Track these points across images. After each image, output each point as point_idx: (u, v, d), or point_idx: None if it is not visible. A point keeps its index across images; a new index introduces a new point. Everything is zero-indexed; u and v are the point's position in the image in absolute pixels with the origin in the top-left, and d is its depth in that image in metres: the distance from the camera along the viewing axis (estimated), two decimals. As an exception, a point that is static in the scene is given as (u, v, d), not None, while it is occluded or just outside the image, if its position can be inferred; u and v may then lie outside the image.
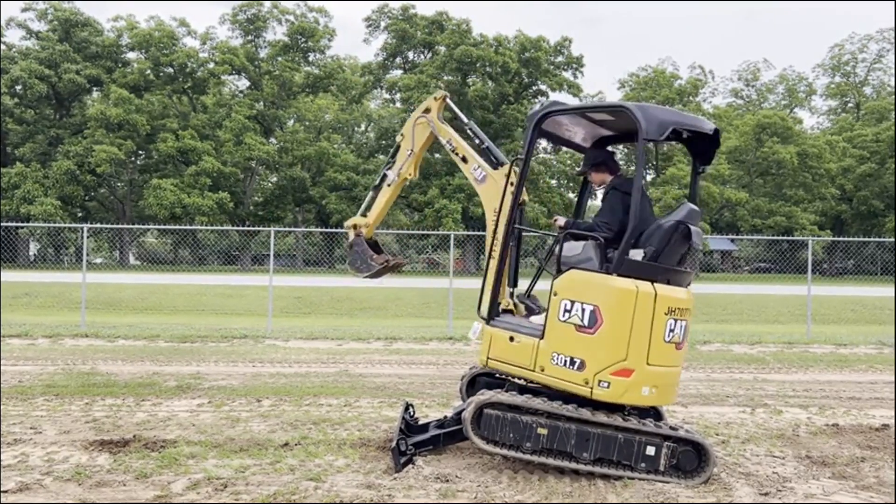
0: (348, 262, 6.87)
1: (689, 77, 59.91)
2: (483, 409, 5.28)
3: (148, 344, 12.28)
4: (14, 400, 7.59)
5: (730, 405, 8.08)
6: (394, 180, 6.61)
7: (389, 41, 56.82)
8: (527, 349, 5.40)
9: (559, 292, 5.30)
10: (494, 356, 5.61)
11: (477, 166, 6.18)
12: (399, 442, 5.48)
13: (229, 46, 53.96)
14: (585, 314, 5.17)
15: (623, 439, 5.15)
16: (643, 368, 5.12)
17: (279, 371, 9.88)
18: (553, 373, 5.27)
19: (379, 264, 6.65)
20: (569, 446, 5.15)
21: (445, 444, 5.78)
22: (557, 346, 5.26)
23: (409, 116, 6.67)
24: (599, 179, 6.03)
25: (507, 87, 53.65)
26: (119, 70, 52.56)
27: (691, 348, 12.88)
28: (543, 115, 5.65)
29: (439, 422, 5.95)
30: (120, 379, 8.95)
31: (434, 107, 6.52)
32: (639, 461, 5.15)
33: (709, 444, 5.27)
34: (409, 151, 6.56)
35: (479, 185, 6.14)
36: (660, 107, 5.53)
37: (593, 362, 5.12)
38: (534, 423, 5.19)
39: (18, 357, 10.60)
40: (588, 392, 5.14)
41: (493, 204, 5.97)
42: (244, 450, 5.80)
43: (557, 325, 5.27)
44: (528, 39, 54.03)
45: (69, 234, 45.42)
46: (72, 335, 13.06)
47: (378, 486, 4.91)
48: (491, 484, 5.02)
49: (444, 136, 6.41)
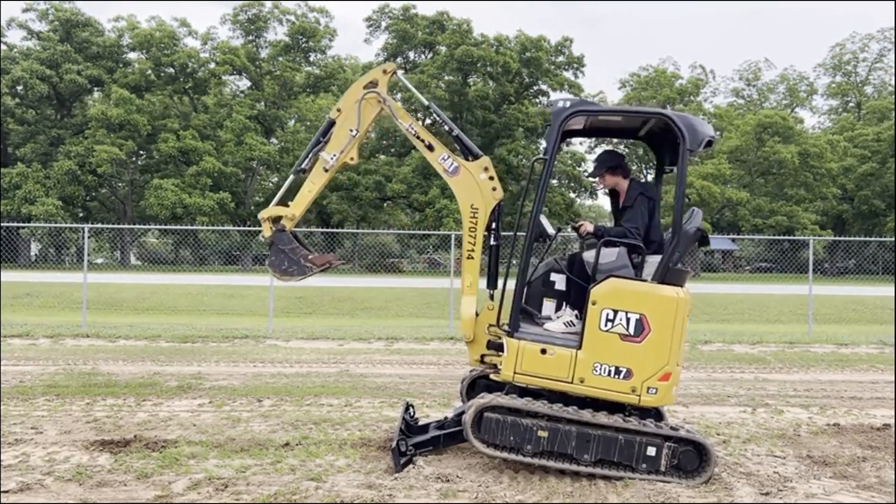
0: (269, 262, 5.87)
1: (690, 77, 59.91)
2: (483, 412, 5.25)
3: (149, 344, 12.29)
4: (15, 400, 7.59)
5: (731, 405, 8.07)
6: (332, 165, 5.79)
7: (390, 41, 56.84)
8: (563, 361, 5.22)
9: (599, 301, 5.21)
10: (524, 371, 5.29)
11: (446, 156, 5.76)
12: (399, 442, 5.46)
13: (230, 47, 53.98)
14: (631, 323, 5.16)
15: (624, 440, 5.14)
16: (675, 370, 5.25)
17: (280, 371, 9.88)
18: (595, 383, 5.19)
19: (318, 266, 5.80)
20: (569, 448, 5.14)
21: (445, 445, 5.75)
22: (600, 357, 5.19)
23: (349, 90, 5.92)
24: (612, 182, 5.98)
25: (507, 87, 53.64)
26: (120, 70, 52.59)
27: (692, 348, 12.88)
28: (570, 115, 5.41)
29: (439, 423, 5.94)
30: (121, 379, 8.95)
31: (383, 81, 5.88)
32: (640, 462, 5.13)
33: (710, 443, 5.26)
34: (352, 132, 5.80)
35: (451, 178, 5.74)
36: (695, 117, 5.51)
37: (641, 370, 5.15)
38: (534, 425, 5.16)
39: (20, 357, 10.60)
40: (636, 400, 5.18)
41: (470, 199, 5.69)
42: (245, 450, 5.80)
43: (599, 334, 5.19)
44: (529, 39, 54.01)
45: (70, 235, 45.38)
46: (73, 335, 13.06)
47: (379, 487, 4.91)
48: (492, 484, 5.01)
49: (404, 120, 5.82)
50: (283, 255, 5.79)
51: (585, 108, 5.46)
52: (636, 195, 5.73)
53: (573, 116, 5.44)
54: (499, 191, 5.74)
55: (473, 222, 5.68)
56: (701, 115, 59.42)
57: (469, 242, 5.69)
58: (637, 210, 5.67)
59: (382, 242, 51.01)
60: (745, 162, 55.66)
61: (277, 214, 5.88)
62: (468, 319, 5.68)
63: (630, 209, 5.70)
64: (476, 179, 5.72)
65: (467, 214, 5.70)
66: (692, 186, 48.87)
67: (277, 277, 5.88)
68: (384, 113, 5.93)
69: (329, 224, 50.95)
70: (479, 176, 5.72)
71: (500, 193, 5.75)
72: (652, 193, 5.79)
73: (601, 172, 5.99)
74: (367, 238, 47.33)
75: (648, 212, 5.65)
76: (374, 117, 5.93)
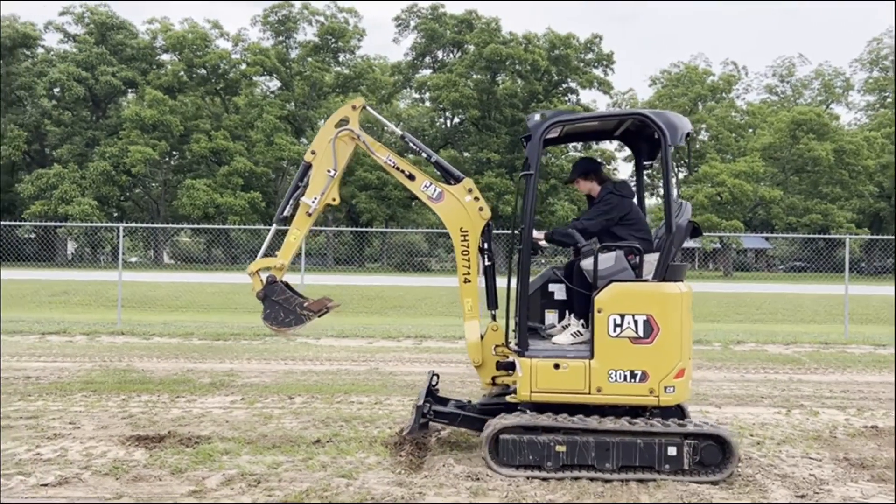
0: (264, 316, 5.73)
1: (722, 73, 59.08)
2: (499, 434, 5.19)
3: (182, 342, 12.47)
4: (54, 395, 7.76)
5: (764, 406, 7.95)
6: (314, 209, 5.71)
7: (419, 40, 56.93)
8: (577, 373, 5.19)
9: (604, 308, 5.18)
10: (540, 389, 5.22)
11: (429, 183, 5.71)
12: (425, 403, 5.64)
13: (261, 48, 54.56)
14: (639, 325, 5.15)
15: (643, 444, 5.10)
16: (688, 364, 5.25)
17: (310, 369, 9.96)
18: (613, 390, 5.17)
19: (315, 312, 5.71)
20: (590, 458, 5.11)
21: (460, 426, 5.83)
22: (613, 363, 5.16)
23: (320, 131, 5.86)
24: (587, 188, 6.03)
25: (536, 85, 53.43)
26: (153, 72, 53.46)
27: (725, 348, 12.72)
28: (548, 127, 5.46)
29: (460, 403, 5.99)
30: (155, 376, 9.10)
31: (353, 117, 5.84)
32: (662, 462, 5.09)
33: (734, 439, 5.20)
34: (330, 172, 5.72)
35: (435, 204, 5.69)
36: (673, 113, 5.52)
37: (656, 371, 5.15)
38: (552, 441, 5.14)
39: (57, 354, 10.83)
40: (655, 401, 5.17)
41: (458, 223, 5.65)
42: (277, 446, 5.86)
43: (609, 341, 5.17)
44: (558, 37, 53.75)
45: (105, 234, 46.31)
46: (108, 333, 13.31)
47: (409, 484, 4.93)
48: (522, 483, 5.00)
49: (381, 154, 5.77)
50: (277, 307, 5.71)
51: (562, 118, 5.52)
52: (605, 193, 5.81)
53: (551, 128, 5.50)
54: (486, 210, 5.69)
55: (465, 245, 5.65)
56: (733, 111, 58.68)
57: (464, 266, 5.65)
58: (597, 208, 5.76)
59: (411, 241, 51.09)
60: (778, 159, 54.79)
61: (266, 266, 5.82)
62: (474, 343, 5.64)
63: (596, 203, 5.81)
64: (462, 202, 5.67)
65: (458, 238, 5.66)
66: (724, 184, 48.25)
67: (274, 330, 5.76)
68: (360, 149, 5.88)
69: (358, 223, 51.25)
70: (465, 198, 5.68)
71: (488, 213, 5.71)
72: (625, 191, 5.81)
73: (574, 178, 6.08)
74: (395, 237, 47.50)
75: (624, 209, 5.69)
76: (349, 154, 5.88)
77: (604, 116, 5.93)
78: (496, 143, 52.97)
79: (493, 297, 5.73)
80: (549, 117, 5.46)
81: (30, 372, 9.21)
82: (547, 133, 5.48)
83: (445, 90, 51.69)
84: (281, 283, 5.77)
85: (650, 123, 5.35)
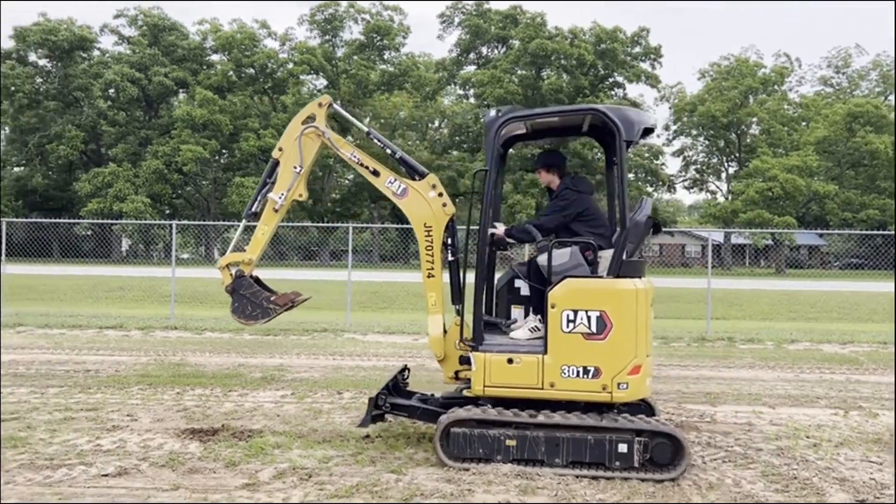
0: (232, 309, 5.85)
1: (774, 65, 57.60)
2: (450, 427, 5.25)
3: (233, 336, 12.71)
4: (112, 388, 8.00)
5: (821, 407, 7.74)
6: (281, 205, 5.85)
7: (463, 37, 56.89)
8: (531, 368, 5.21)
9: (558, 303, 5.20)
10: (493, 383, 5.27)
11: (393, 179, 5.77)
12: (379, 396, 5.78)
13: (308, 47, 55.20)
14: (592, 321, 5.15)
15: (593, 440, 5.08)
16: (645, 361, 5.22)
17: (358, 364, 10.05)
18: (566, 386, 5.18)
19: (282, 306, 5.79)
20: (540, 453, 5.12)
21: (419, 419, 5.89)
22: (566, 359, 5.17)
23: (288, 128, 5.95)
24: (547, 180, 6.06)
25: (582, 80, 52.91)
26: (203, 72, 54.58)
27: (778, 347, 12.43)
28: (503, 123, 5.49)
29: (424, 396, 6.02)
30: (208, 370, 9.30)
31: (320, 114, 5.92)
32: (613, 459, 5.05)
33: (685, 437, 5.15)
34: (296, 169, 5.81)
35: (400, 200, 5.76)
36: (630, 108, 5.53)
37: (609, 367, 5.12)
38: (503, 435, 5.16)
39: (114, 348, 11.15)
40: (608, 397, 5.14)
41: (422, 218, 5.70)
42: (327, 441, 5.94)
43: (562, 336, 5.18)
44: (604, 31, 53.09)
45: (158, 231, 47.47)
46: (162, 327, 13.65)
47: (458, 481, 4.94)
48: (572, 482, 4.97)
49: (346, 150, 5.87)
50: (245, 301, 5.83)
51: (517, 115, 5.56)
52: (562, 188, 5.83)
53: (507, 124, 5.52)
54: (449, 206, 5.72)
55: (429, 241, 5.69)
56: (786, 104, 57.19)
57: (427, 261, 5.69)
58: (553, 204, 5.78)
59: (460, 238, 51.18)
60: (833, 153, 53.20)
61: (235, 261, 5.93)
62: (437, 338, 5.67)
63: (553, 199, 5.84)
64: (425, 198, 5.71)
65: (422, 234, 5.70)
66: (776, 179, 47.07)
67: (242, 323, 5.89)
68: (326, 146, 5.95)
69: (403, 220, 51.53)
70: (428, 194, 5.72)
71: (452, 209, 5.74)
72: (581, 187, 5.82)
73: (538, 169, 6.10)
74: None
75: (582, 205, 5.71)
76: (316, 151, 5.95)
77: (560, 112, 5.94)
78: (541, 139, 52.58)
79: (457, 293, 5.76)
80: (504, 113, 5.50)
81: (89, 365, 9.51)
82: (502, 129, 5.52)
83: (490, 86, 51.54)
84: (249, 278, 5.89)
85: (605, 119, 5.37)
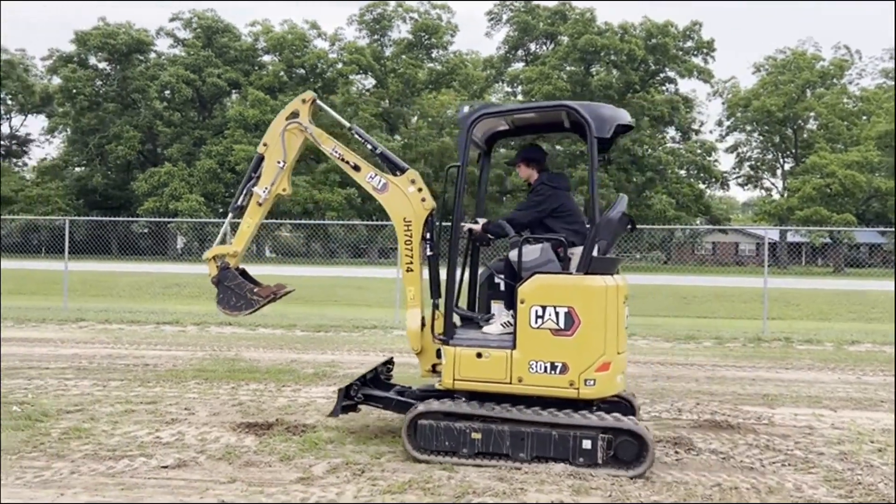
0: (217, 300, 6.01)
1: (833, 58, 55.85)
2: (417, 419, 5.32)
3: (286, 333, 12.91)
4: (170, 382, 8.21)
5: (885, 411, 7.47)
6: (265, 199, 5.97)
7: (511, 34, 56.72)
8: (499, 363, 5.25)
9: (527, 299, 5.22)
10: (463, 377, 5.33)
11: (373, 174, 5.83)
12: (351, 386, 5.83)
13: (356, 46, 55.76)
14: (561, 317, 5.15)
15: None
16: (616, 358, 5.24)
17: (408, 361, 10.05)
18: (533, 381, 5.19)
19: (265, 297, 5.92)
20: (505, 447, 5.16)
21: (393, 411, 5.93)
22: (534, 354, 5.19)
23: (272, 123, 6.08)
24: (526, 174, 6.03)
25: (632, 76, 52.23)
26: (255, 73, 55.64)
27: (838, 348, 12.06)
28: (476, 119, 5.54)
29: (401, 389, 6.08)
30: (262, 365, 9.46)
31: (303, 110, 6.01)
32: (577, 455, 5.07)
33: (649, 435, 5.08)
34: (280, 163, 5.94)
35: (380, 195, 5.81)
36: (603, 104, 5.53)
37: (576, 363, 5.13)
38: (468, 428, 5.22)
39: (171, 343, 11.44)
40: (575, 393, 5.14)
41: (402, 213, 5.75)
42: (379, 437, 5.98)
43: (531, 332, 5.20)
44: (655, 25, 52.30)
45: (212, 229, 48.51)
46: (217, 323, 13.93)
47: (510, 480, 4.92)
48: (626, 483, 4.91)
49: (327, 145, 5.94)
50: (230, 292, 5.97)
51: (489, 111, 5.63)
52: (538, 184, 5.82)
53: (478, 120, 5.56)
54: (428, 201, 5.75)
55: (408, 235, 5.74)
56: (845, 98, 55.39)
57: (407, 256, 5.75)
58: (529, 199, 5.79)
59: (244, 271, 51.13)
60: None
61: (221, 253, 6.07)
62: (414, 331, 5.73)
63: (529, 194, 5.85)
64: (405, 193, 5.76)
65: (401, 228, 5.76)
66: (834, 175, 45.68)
67: (227, 313, 6.04)
68: (309, 141, 6.03)
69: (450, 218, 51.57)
70: (408, 189, 5.76)
71: (430, 203, 5.75)
72: (557, 183, 5.81)
73: (518, 163, 6.08)
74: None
75: (557, 201, 5.68)
76: (299, 146, 6.03)
77: (532, 109, 5.93)
78: (590, 135, 52.07)
79: (436, 287, 5.77)
80: (476, 110, 5.55)
81: (147, 360, 9.78)
82: (474, 125, 5.55)
83: (538, 83, 51.27)
84: (234, 270, 6.02)
85: (576, 115, 5.37)
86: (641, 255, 54.23)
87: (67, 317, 14.32)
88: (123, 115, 55.46)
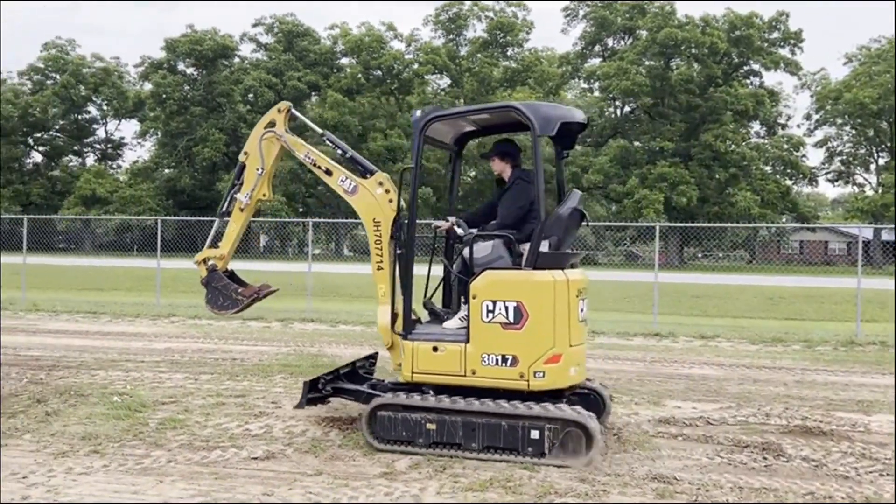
0: (206, 300, 6.41)
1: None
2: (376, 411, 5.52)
3: (365, 329, 13.16)
4: (257, 376, 8.51)
5: None
6: (247, 204, 6.33)
7: (588, 29, 55.98)
8: (454, 356, 5.45)
9: (478, 294, 5.40)
10: (421, 370, 5.56)
11: (344, 177, 6.10)
12: (318, 379, 6.11)
13: (432, 47, 56.20)
14: (510, 311, 5.32)
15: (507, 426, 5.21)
16: (568, 350, 5.38)
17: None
18: (486, 374, 5.38)
19: (248, 297, 6.30)
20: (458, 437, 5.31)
21: (365, 404, 5.99)
22: (486, 347, 5.37)
23: (252, 133, 6.42)
24: (500, 168, 6.17)
25: (714, 69, 50.69)
26: (334, 75, 56.87)
27: (883, 349, 11.54)
28: (427, 122, 5.72)
29: (374, 383, 6.30)
30: (344, 361, 9.65)
31: (279, 119, 6.35)
32: (525, 445, 5.18)
33: (594, 425, 5.15)
34: (259, 171, 6.29)
35: (350, 197, 6.06)
36: (547, 104, 5.63)
37: (525, 356, 5.28)
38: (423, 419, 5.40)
39: (257, 338, 11.85)
40: (525, 385, 5.30)
41: (371, 214, 5.97)
42: (459, 435, 6.03)
43: (482, 326, 5.38)
44: (739, 17, 50.64)
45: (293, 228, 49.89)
46: (300, 320, 14.34)
47: (592, 482, 4.89)
48: (711, 488, 4.80)
49: (300, 151, 6.30)
50: (217, 293, 6.33)
51: (440, 114, 5.81)
52: (514, 180, 5.96)
53: (430, 123, 5.75)
54: (395, 202, 5.93)
55: (378, 235, 5.96)
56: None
57: (377, 254, 5.98)
58: (511, 195, 5.89)
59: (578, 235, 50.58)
60: None
61: (209, 256, 6.43)
62: (384, 327, 5.93)
63: (507, 193, 5.96)
64: (373, 195, 5.99)
65: (371, 228, 5.98)
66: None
67: (215, 313, 6.40)
68: (286, 149, 6.35)
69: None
70: (376, 191, 5.98)
71: (398, 204, 5.92)
72: (531, 179, 5.81)
73: (492, 157, 6.22)
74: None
75: (531, 196, 5.71)
76: (276, 154, 6.37)
77: (478, 110, 6.07)
78: (670, 131, 50.88)
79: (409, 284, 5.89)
80: (427, 113, 5.75)
81: (235, 354, 10.17)
82: (426, 128, 5.74)
83: (616, 78, 50.41)
84: (221, 272, 6.37)
85: (519, 115, 5.49)
86: (724, 253, 52.58)
87: (160, 312, 15.02)
88: (209, 118, 57.61)
